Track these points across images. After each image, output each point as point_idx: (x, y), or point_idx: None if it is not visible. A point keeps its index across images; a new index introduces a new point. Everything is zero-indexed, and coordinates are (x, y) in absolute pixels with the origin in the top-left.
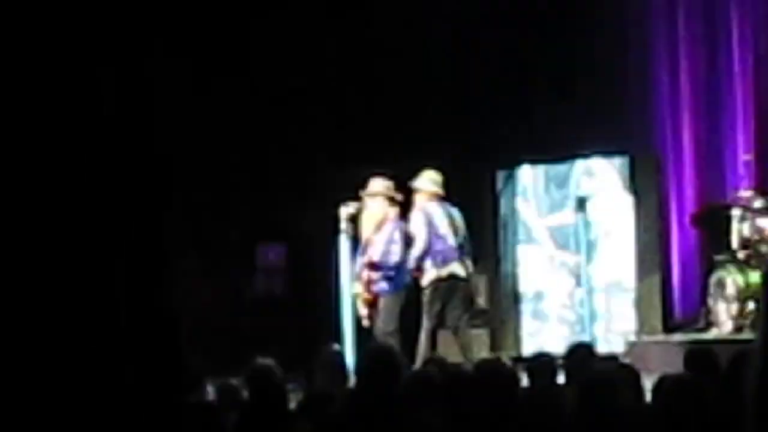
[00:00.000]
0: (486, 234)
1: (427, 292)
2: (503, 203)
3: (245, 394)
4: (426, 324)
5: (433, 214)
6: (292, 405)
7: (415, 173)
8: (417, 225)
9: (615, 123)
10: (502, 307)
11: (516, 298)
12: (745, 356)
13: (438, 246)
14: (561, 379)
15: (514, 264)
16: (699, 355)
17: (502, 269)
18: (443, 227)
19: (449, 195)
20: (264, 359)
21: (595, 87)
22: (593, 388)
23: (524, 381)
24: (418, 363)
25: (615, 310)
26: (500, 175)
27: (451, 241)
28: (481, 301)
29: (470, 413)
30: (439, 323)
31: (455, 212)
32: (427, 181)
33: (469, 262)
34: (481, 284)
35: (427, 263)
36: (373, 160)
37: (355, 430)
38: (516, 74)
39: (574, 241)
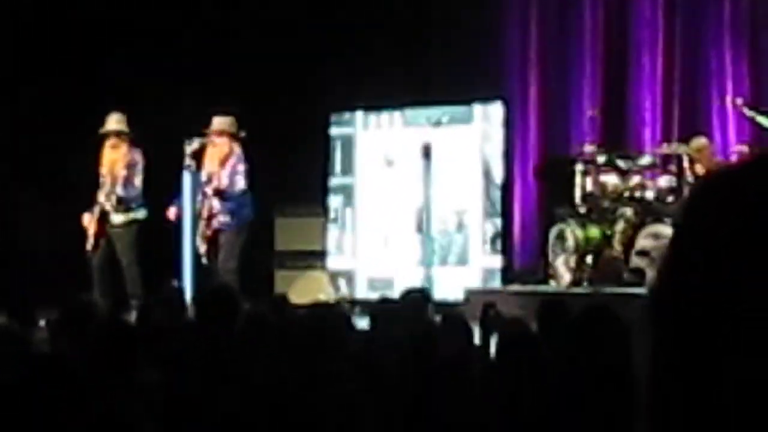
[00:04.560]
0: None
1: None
2: (337, 147)
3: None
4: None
5: None
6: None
7: (255, 112)
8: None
9: (462, 71)
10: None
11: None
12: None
13: None
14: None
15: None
16: (551, 306)
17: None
18: None
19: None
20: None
21: (447, 34)
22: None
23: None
24: None
25: (454, 263)
26: (334, 118)
27: None
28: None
29: (302, 354)
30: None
31: None
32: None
33: None
34: (317, 227)
35: None
36: (210, 98)
37: (191, 366)
38: (368, 18)
39: (416, 188)
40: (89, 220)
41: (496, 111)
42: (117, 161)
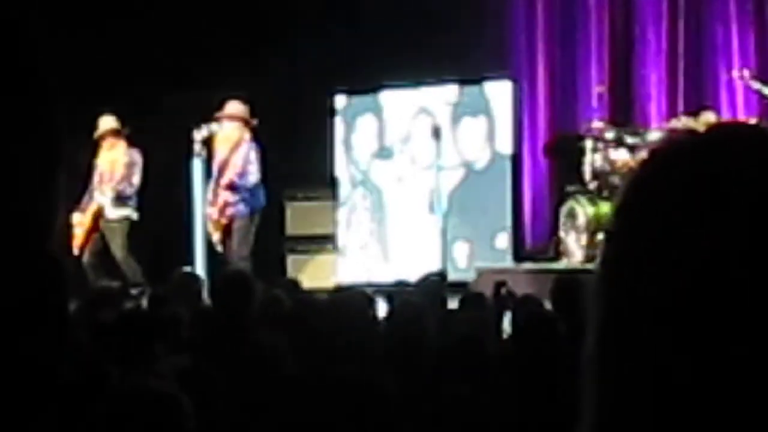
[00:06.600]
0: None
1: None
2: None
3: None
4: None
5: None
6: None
7: (262, 96)
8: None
9: (470, 50)
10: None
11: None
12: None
13: None
14: None
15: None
16: (566, 283)
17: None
18: None
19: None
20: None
21: (454, 14)
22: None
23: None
24: None
25: (466, 240)
26: (342, 99)
27: None
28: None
29: (321, 337)
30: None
31: None
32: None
33: None
34: (327, 211)
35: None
36: (215, 84)
37: (207, 351)
38: None
39: (430, 169)
40: (80, 219)
41: (504, 90)
42: (116, 160)
